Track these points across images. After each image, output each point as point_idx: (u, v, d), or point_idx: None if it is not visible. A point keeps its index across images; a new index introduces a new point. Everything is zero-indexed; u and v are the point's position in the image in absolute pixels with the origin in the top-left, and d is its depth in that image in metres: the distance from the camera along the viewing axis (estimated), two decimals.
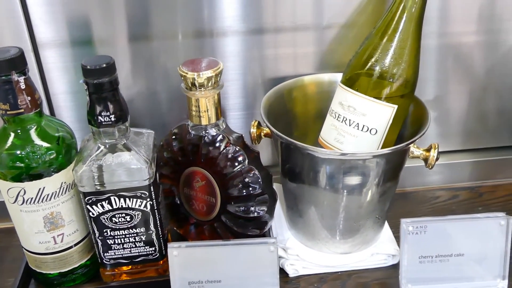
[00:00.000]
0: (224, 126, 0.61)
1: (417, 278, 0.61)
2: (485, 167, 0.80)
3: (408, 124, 0.64)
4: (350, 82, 0.62)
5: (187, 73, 0.57)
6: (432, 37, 0.71)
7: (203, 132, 0.60)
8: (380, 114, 0.60)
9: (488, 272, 0.61)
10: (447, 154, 0.80)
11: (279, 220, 0.70)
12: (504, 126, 0.78)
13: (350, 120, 0.61)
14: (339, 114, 0.62)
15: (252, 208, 0.61)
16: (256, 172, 0.60)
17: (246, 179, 0.60)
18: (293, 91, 0.67)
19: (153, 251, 0.61)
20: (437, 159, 0.61)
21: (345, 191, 0.60)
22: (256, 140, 0.65)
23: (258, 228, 0.63)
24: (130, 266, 0.62)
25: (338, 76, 0.65)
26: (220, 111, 0.60)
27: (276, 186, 0.65)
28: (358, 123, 0.60)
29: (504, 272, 0.61)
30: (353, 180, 0.60)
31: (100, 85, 0.53)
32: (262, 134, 0.65)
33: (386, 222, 0.69)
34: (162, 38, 0.67)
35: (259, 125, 0.65)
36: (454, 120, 0.77)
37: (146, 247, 0.61)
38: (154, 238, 0.60)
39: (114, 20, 0.65)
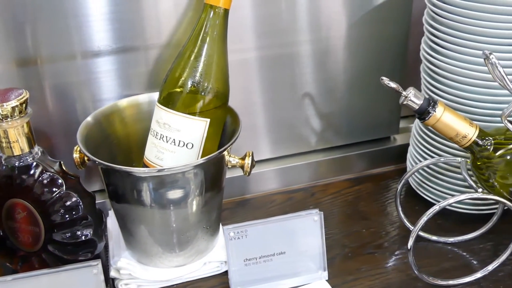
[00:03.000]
0: (40, 154, 0.61)
1: (245, 281, 0.64)
2: (316, 168, 0.85)
3: (228, 134, 0.68)
4: (165, 100, 0.64)
5: None
6: (251, 50, 0.75)
7: (16, 162, 0.59)
8: (194, 128, 0.63)
9: (310, 266, 0.66)
10: (282, 159, 0.85)
11: (117, 241, 0.70)
12: (327, 128, 0.84)
13: (166, 137, 0.63)
14: (156, 132, 0.64)
15: (78, 233, 0.61)
16: (75, 196, 0.60)
17: (67, 204, 0.60)
18: (111, 116, 0.68)
19: None
20: (252, 166, 0.65)
21: (168, 205, 0.62)
22: (80, 165, 0.65)
23: (89, 252, 0.63)
24: None
25: (157, 96, 0.67)
26: (33, 139, 0.60)
27: None
28: (174, 139, 0.63)
29: (324, 264, 0.66)
30: (175, 194, 0.62)
31: None
32: (86, 159, 0.65)
33: (221, 230, 0.72)
34: None
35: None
36: (284, 126, 0.82)
37: None
38: None
39: None
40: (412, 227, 0.71)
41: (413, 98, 0.59)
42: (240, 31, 0.74)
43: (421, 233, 0.72)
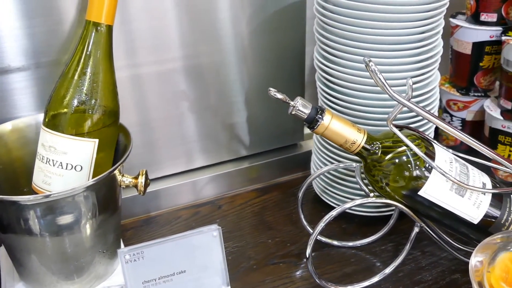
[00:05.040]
0: None
1: None
2: (223, 179, 0.85)
3: (122, 153, 0.65)
4: (50, 122, 0.61)
5: None
6: (149, 64, 0.73)
7: None
8: (81, 150, 0.60)
9: (213, 283, 0.64)
10: (187, 173, 0.84)
11: (10, 272, 0.66)
12: (233, 139, 0.84)
13: (53, 160, 0.60)
14: (43, 156, 0.61)
15: None
16: None
17: None
18: None
19: None
20: (147, 185, 0.63)
21: (59, 232, 0.59)
22: None
23: None
24: None
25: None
26: None
27: None
28: (61, 162, 0.60)
29: (226, 279, 0.64)
30: (65, 219, 0.59)
31: None
32: None
33: None
34: None
35: None
36: (188, 140, 0.81)
37: None
38: None
39: None
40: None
41: (301, 107, 0.59)
42: (138, 45, 0.72)
43: (324, 239, 0.73)
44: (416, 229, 0.65)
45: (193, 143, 0.82)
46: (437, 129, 0.85)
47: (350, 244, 0.73)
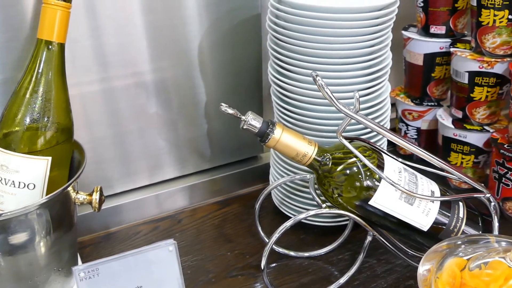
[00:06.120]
0: None
1: None
2: (185, 193, 0.85)
3: (76, 170, 0.65)
4: (3, 140, 0.61)
5: None
6: (108, 80, 0.74)
7: None
8: (34, 168, 0.60)
9: None
10: (148, 187, 0.84)
11: None
12: (193, 153, 0.84)
13: (5, 179, 0.60)
14: None
15: None
16: None
17: None
18: None
19: None
20: (102, 201, 0.63)
21: (12, 251, 0.59)
22: None
23: None
24: None
25: None
26: None
27: None
28: (13, 181, 0.60)
29: None
30: (18, 238, 0.59)
31: None
32: None
33: None
34: None
35: None
36: (147, 155, 0.81)
37: None
38: None
39: None
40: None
41: (252, 122, 0.60)
42: (99, 61, 0.72)
43: (281, 250, 0.74)
44: (369, 238, 0.66)
45: (154, 157, 0.82)
46: None
47: (306, 254, 0.74)
